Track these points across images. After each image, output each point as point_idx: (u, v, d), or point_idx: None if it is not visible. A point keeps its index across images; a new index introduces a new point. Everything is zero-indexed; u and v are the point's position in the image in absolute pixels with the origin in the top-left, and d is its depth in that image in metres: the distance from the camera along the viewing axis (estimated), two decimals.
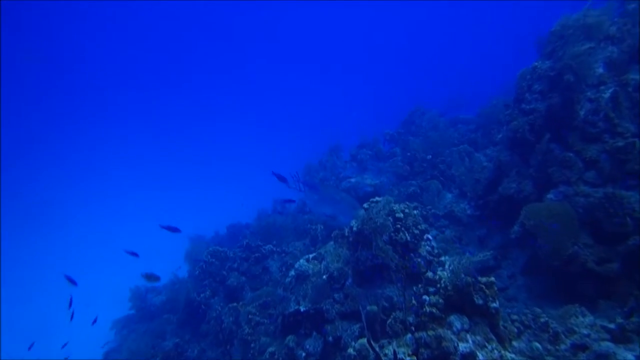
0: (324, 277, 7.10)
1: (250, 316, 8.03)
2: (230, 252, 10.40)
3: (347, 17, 54.88)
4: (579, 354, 4.70)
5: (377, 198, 7.45)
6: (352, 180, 10.85)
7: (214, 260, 10.07)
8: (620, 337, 4.71)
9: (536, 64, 7.68)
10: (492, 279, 4.88)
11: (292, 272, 7.63)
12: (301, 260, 7.66)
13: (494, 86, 13.58)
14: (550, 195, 6.61)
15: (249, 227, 13.30)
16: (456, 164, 10.49)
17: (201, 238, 16.27)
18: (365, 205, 7.42)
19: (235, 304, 8.64)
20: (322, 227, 10.95)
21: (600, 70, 6.84)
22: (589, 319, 5.14)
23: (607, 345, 4.52)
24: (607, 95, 6.64)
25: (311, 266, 7.50)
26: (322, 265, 7.37)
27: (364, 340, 5.59)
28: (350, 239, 7.21)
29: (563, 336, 4.96)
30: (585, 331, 4.93)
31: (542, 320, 5.13)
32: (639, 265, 5.58)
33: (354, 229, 7.10)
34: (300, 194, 14.59)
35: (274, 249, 10.48)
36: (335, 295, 6.91)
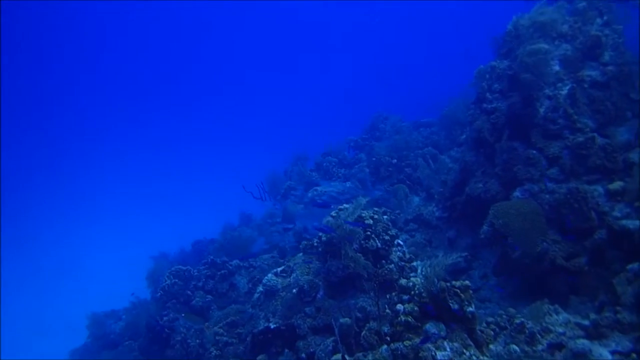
0: (294, 290, 6.78)
1: (217, 337, 7.56)
2: (194, 271, 9.86)
3: (309, 26, 55.10)
4: (556, 354, 4.61)
5: (345, 205, 7.23)
6: (319, 188, 10.61)
7: (176, 280, 9.50)
8: (595, 333, 4.67)
9: (494, 63, 7.76)
10: (467, 282, 4.74)
11: (260, 288, 7.26)
12: (269, 275, 7.30)
13: (452, 88, 13.73)
14: (516, 194, 6.61)
15: (214, 243, 12.72)
16: (422, 167, 10.48)
17: (165, 256, 15.52)
18: (333, 213, 7.18)
19: (201, 325, 8.13)
20: (291, 238, 10.63)
21: (557, 67, 6.96)
22: (563, 316, 5.09)
23: (582, 343, 4.46)
24: (564, 92, 6.75)
25: (280, 280, 7.16)
26: (291, 279, 7.04)
27: (339, 356, 5.31)
28: (320, 249, 6.93)
29: (539, 336, 4.86)
30: (560, 329, 4.86)
31: (517, 321, 5.02)
32: (606, 259, 5.62)
33: (323, 238, 6.83)
34: (265, 204, 14.27)
35: (241, 263, 10.04)
36: (307, 309, 6.59)
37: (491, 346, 4.94)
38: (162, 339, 8.82)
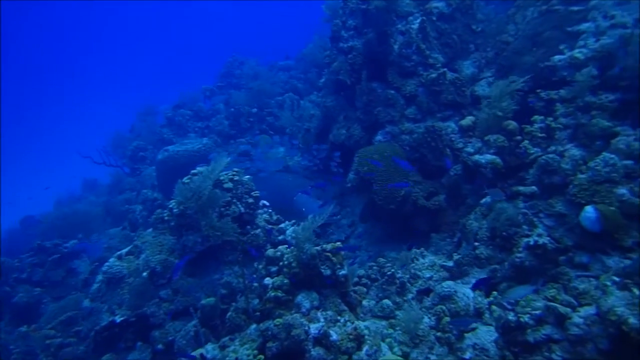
0: (145, 274, 5.68)
1: (48, 340, 6.12)
2: (14, 261, 7.87)
3: None
4: (425, 300, 4.57)
5: (198, 168, 6.20)
6: (170, 148, 9.16)
7: None
8: (457, 272, 4.73)
9: None
10: (338, 243, 4.30)
11: (100, 277, 5.97)
12: (111, 260, 6.03)
13: (310, 27, 12.96)
14: (378, 137, 6.38)
15: (44, 221, 10.40)
16: (284, 115, 9.79)
17: None
18: (185, 179, 6.10)
19: (25, 328, 6.52)
20: (141, 208, 9.18)
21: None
22: (429, 259, 5.10)
23: (448, 285, 4.46)
24: (415, 26, 6.53)
25: (126, 264, 5.97)
26: (140, 261, 5.90)
27: (201, 350, 4.56)
28: (172, 223, 5.86)
29: (409, 284, 4.79)
30: (427, 274, 4.84)
31: (387, 272, 4.86)
32: (462, 195, 5.78)
33: (175, 210, 5.76)
34: (113, 169, 12.20)
35: (80, 243, 8.37)
36: (162, 293, 5.61)
37: (364, 302, 4.72)
38: None
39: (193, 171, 6.13)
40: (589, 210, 3.88)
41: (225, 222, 5.62)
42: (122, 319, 5.45)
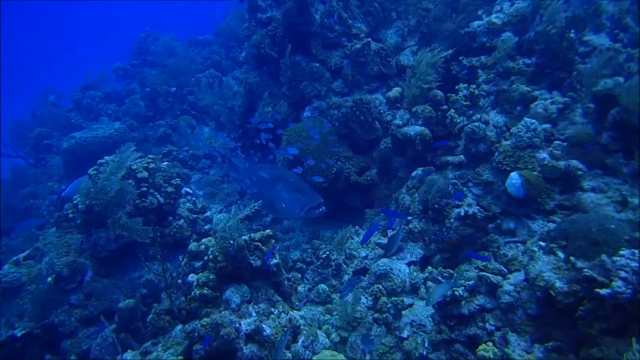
0: (49, 279, 5.00)
1: None
2: None
3: None
4: (361, 280, 4.44)
5: (106, 157, 5.51)
6: (77, 134, 8.15)
7: None
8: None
9: None
10: (268, 231, 3.98)
11: None
12: (5, 267, 5.23)
13: None
14: (306, 113, 6.06)
15: None
16: (206, 93, 9.10)
17: None
18: (90, 170, 5.39)
19: None
20: (48, 203, 8.18)
21: None
22: None
23: (383, 263, 4.35)
24: None
25: (25, 270, 5.20)
26: (43, 265, 5.18)
27: (129, 355, 4.09)
28: (79, 220, 5.18)
29: (344, 265, 4.63)
30: (363, 253, 4.71)
31: (322, 255, 4.65)
32: (393, 168, 5.68)
33: (80, 206, 5.07)
34: (13, 162, 10.80)
35: None
36: (72, 299, 4.98)
37: (300, 288, 4.50)
38: None
39: (100, 161, 5.44)
40: (514, 177, 3.91)
41: (136, 222, 4.97)
42: (23, 332, 4.75)
